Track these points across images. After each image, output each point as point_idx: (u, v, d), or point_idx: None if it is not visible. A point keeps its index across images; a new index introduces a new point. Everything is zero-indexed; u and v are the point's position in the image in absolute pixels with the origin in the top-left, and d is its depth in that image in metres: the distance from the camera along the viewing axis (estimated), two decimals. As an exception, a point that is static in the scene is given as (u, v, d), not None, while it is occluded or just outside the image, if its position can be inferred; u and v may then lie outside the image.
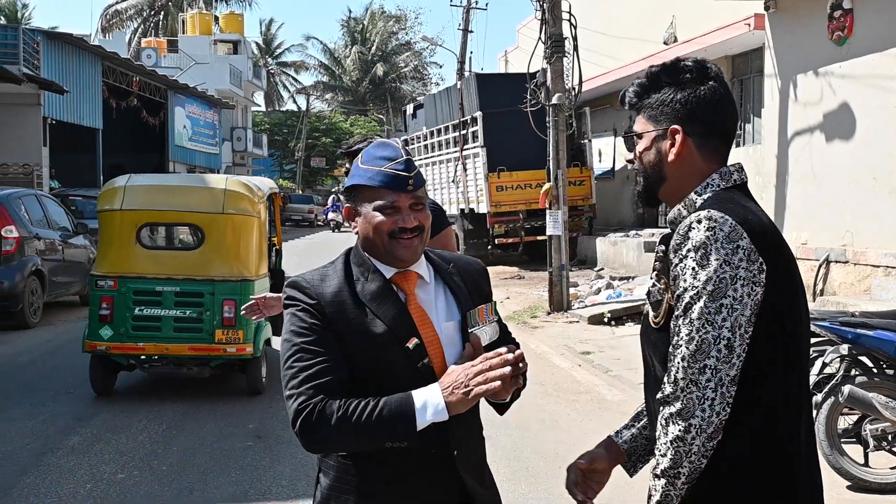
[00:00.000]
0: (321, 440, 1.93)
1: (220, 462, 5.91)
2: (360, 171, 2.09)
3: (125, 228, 7.59)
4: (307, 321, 2.00)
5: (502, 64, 30.18)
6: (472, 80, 20.01)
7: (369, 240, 2.09)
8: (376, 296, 2.06)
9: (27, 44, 20.95)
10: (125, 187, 7.72)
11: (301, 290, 2.05)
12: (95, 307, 7.47)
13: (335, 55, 66.99)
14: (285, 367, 1.99)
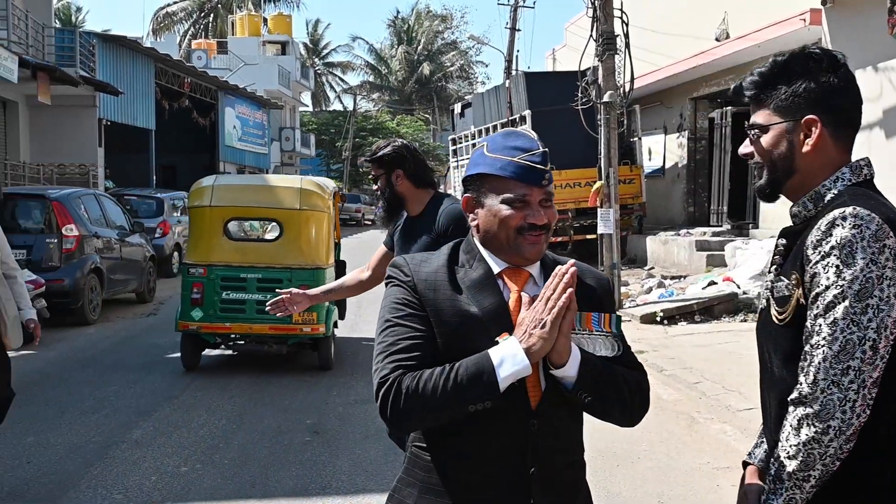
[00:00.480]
0: (402, 414, 1.83)
1: (280, 457, 6.00)
2: (488, 160, 1.97)
3: (214, 223, 8.59)
4: (400, 297, 1.96)
5: (550, 62, 30.07)
6: (521, 79, 19.98)
7: (491, 233, 1.97)
8: (477, 284, 1.97)
9: (83, 46, 21.40)
10: (213, 186, 8.75)
11: (398, 268, 2.01)
12: (187, 292, 8.49)
13: (381, 55, 67.30)
14: (376, 342, 1.95)
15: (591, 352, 1.93)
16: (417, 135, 56.58)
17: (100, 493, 5.25)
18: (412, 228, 4.03)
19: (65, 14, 54.80)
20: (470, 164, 2.03)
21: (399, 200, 4.04)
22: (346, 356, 9.68)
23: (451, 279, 1.98)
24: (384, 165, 4.03)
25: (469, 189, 2.03)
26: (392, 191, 4.02)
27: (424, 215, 4.00)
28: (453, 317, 1.93)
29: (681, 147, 20.38)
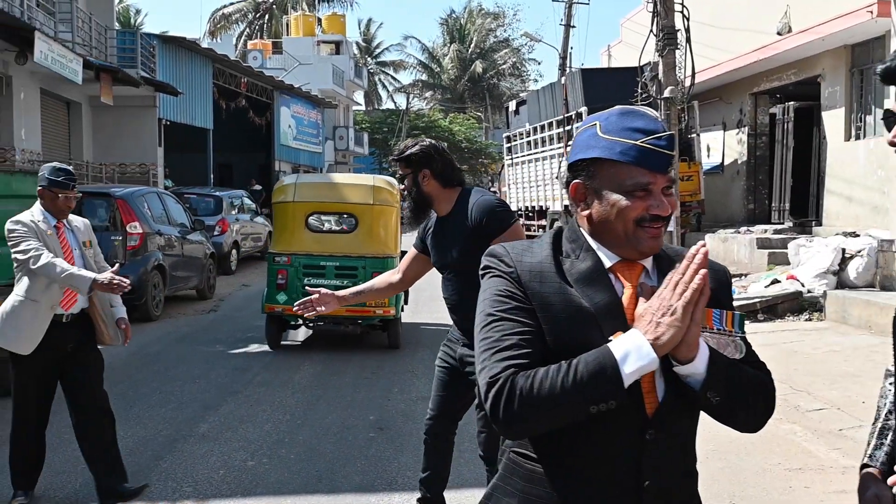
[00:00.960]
0: (516, 416, 1.66)
1: (345, 452, 6.02)
2: (603, 143, 1.77)
3: (297, 216, 9.68)
4: (503, 289, 1.79)
5: (605, 59, 29.83)
6: (577, 76, 19.85)
7: (607, 224, 1.78)
8: (586, 277, 1.78)
9: (144, 48, 21.74)
10: (296, 184, 9.89)
11: (497, 258, 1.84)
12: (273, 278, 9.52)
13: (433, 53, 67.39)
14: (478, 338, 1.78)
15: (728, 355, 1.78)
16: (470, 133, 56.55)
17: (170, 486, 5.31)
18: (445, 228, 3.98)
19: (124, 17, 55.80)
20: (578, 146, 1.83)
21: (426, 201, 4.00)
22: (405, 351, 9.70)
23: (557, 270, 1.80)
24: (411, 165, 4.00)
25: (578, 174, 1.82)
26: (419, 191, 3.98)
27: (455, 213, 3.95)
28: (563, 311, 1.75)
29: (740, 143, 20.05)
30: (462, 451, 5.50)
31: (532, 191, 23.30)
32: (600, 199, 1.79)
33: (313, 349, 10.04)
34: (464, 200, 3.93)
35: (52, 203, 4.83)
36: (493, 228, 3.81)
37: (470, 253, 3.70)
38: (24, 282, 4.77)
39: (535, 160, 22.84)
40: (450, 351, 4.13)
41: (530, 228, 24.13)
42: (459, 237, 3.88)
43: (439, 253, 4.01)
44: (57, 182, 4.79)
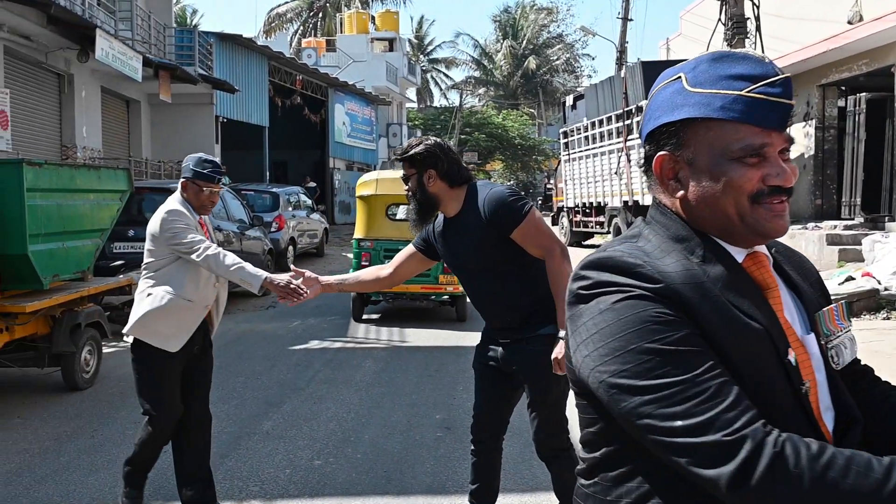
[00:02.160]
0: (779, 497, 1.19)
1: (413, 452, 5.84)
2: (695, 99, 1.37)
3: (378, 207, 11.22)
4: (657, 314, 1.30)
5: (663, 52, 29.28)
6: (638, 68, 19.45)
7: (710, 206, 1.39)
8: (729, 282, 1.37)
9: (202, 45, 21.87)
10: (377, 180, 11.33)
11: (627, 271, 1.34)
12: (358, 259, 10.98)
13: (486, 50, 67.12)
14: (646, 384, 1.28)
15: (848, 359, 1.48)
16: (523, 129, 56.15)
17: (236, 486, 5.19)
18: (456, 228, 3.74)
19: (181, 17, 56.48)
20: (658, 108, 1.43)
21: (432, 202, 3.73)
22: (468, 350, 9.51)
23: (709, 278, 1.37)
24: (415, 165, 3.73)
25: (663, 144, 1.43)
26: (424, 192, 3.71)
27: (466, 211, 3.70)
28: (733, 335, 1.32)
29: (807, 136, 19.48)
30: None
31: (590, 187, 22.94)
32: (698, 173, 1.39)
33: (374, 346, 9.89)
34: (473, 197, 3.69)
35: (195, 197, 4.45)
36: (508, 221, 3.59)
37: (488, 251, 3.62)
38: (172, 279, 4.41)
39: (593, 155, 22.48)
40: (488, 351, 3.88)
41: (588, 225, 23.77)
42: (474, 236, 3.64)
43: (453, 255, 3.78)
44: (202, 175, 4.41)
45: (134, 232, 11.37)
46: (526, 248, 3.60)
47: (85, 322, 7.46)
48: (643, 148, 1.50)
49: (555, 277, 3.56)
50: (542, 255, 3.61)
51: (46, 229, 6.98)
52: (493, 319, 3.80)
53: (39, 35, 14.58)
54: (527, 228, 3.57)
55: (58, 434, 6.20)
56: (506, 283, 3.66)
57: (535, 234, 3.61)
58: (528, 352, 3.65)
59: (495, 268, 3.65)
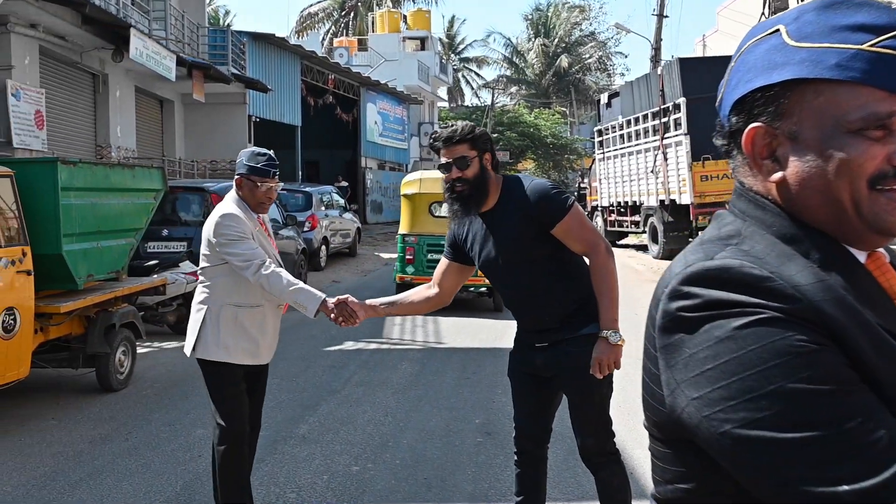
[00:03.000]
0: None
1: (453, 458, 5.68)
2: (803, 55, 1.09)
3: (422, 205, 12.08)
4: (804, 344, 1.00)
5: (700, 48, 28.93)
6: (675, 65, 19.16)
7: (820, 191, 1.10)
8: (864, 297, 1.09)
9: (235, 45, 21.88)
10: (420, 180, 12.26)
11: (754, 286, 1.04)
12: (403, 254, 12.04)
13: (518, 48, 66.83)
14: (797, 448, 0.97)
15: None
16: (555, 128, 55.82)
17: (273, 492, 5.05)
18: (492, 221, 3.51)
19: (214, 18, 56.79)
20: (747, 70, 1.15)
21: (488, 187, 3.48)
22: (505, 351, 9.33)
23: (847, 289, 1.08)
24: (477, 146, 3.48)
25: (755, 115, 1.14)
26: (484, 175, 3.46)
27: (504, 202, 3.48)
28: (886, 362, 1.05)
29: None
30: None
31: (625, 185, 22.66)
32: (802, 149, 1.11)
33: (409, 347, 9.75)
34: (510, 189, 3.49)
35: (250, 195, 4.09)
36: (551, 215, 3.40)
37: (527, 244, 3.45)
38: (231, 285, 4.05)
39: (628, 154, 22.20)
40: (525, 357, 3.67)
41: (622, 224, 23.49)
42: (513, 228, 3.44)
43: (489, 250, 3.53)
44: (256, 169, 4.06)
45: (168, 231, 11.33)
46: (568, 244, 3.44)
47: (119, 322, 7.38)
48: (728, 120, 1.19)
49: (599, 274, 3.42)
50: (584, 251, 3.47)
51: (81, 229, 6.91)
52: (531, 320, 3.60)
53: (74, 35, 14.61)
54: (570, 223, 3.40)
55: (91, 437, 6.11)
56: (545, 279, 3.48)
57: (579, 228, 3.44)
58: (570, 353, 3.48)
59: (534, 263, 3.47)
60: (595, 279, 3.43)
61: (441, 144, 3.50)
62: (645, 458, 5.52)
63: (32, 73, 13.78)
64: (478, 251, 3.60)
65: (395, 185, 40.14)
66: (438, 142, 3.51)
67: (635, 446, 5.67)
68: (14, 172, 6.36)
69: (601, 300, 3.41)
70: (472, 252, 3.64)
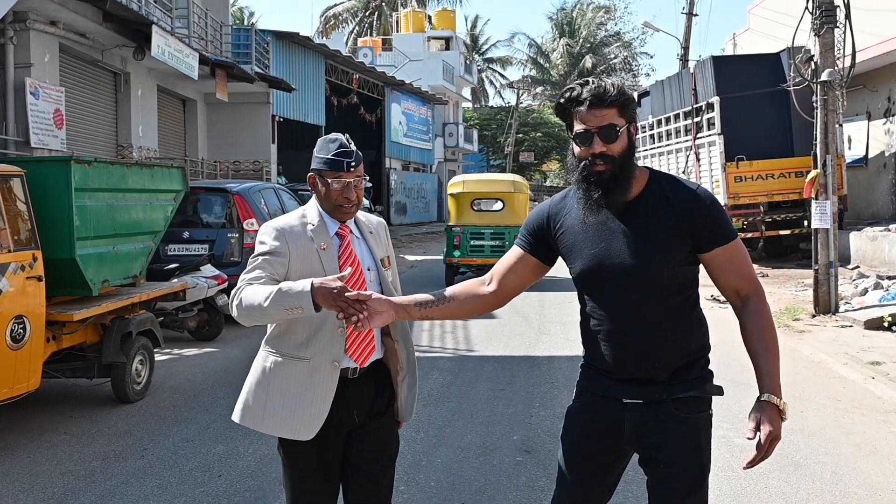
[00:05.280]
0: None
1: (492, 480, 5.25)
2: None
3: (466, 201, 15.47)
4: None
5: (730, 47, 28.31)
6: (709, 64, 18.63)
7: None
8: None
9: (258, 44, 21.57)
10: (464, 181, 16.10)
11: None
12: (450, 241, 15.23)
13: (542, 49, 66.30)
14: None
15: None
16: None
17: (298, 518, 4.64)
18: (628, 219, 2.61)
19: (238, 19, 56.69)
20: None
21: (634, 170, 2.63)
22: (540, 360, 8.89)
23: None
24: (626, 113, 2.59)
25: None
26: (633, 150, 2.61)
27: (653, 197, 2.61)
28: None
29: (888, 134, 18.49)
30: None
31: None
32: None
33: (440, 355, 9.32)
34: (663, 183, 2.64)
35: (324, 197, 3.04)
36: (716, 233, 2.59)
37: (668, 256, 2.59)
38: (277, 327, 3.05)
39: (659, 154, 21.68)
40: (602, 415, 2.70)
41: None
42: (662, 233, 2.57)
43: (610, 254, 2.61)
44: (326, 161, 3.00)
45: (189, 234, 10.99)
46: (720, 278, 2.63)
47: (136, 330, 7.01)
48: None
49: (760, 323, 2.61)
50: (740, 290, 2.63)
51: (96, 231, 6.54)
52: (634, 364, 2.64)
53: (95, 32, 14.30)
54: (736, 250, 2.61)
55: (105, 453, 5.73)
56: (672, 314, 2.63)
57: (742, 261, 2.63)
58: (678, 420, 2.61)
59: (664, 289, 2.61)
60: (753, 328, 2.61)
61: (583, 104, 2.55)
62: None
63: (52, 72, 13.49)
64: (586, 252, 2.66)
65: (419, 185, 39.81)
66: (578, 100, 2.56)
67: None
68: (25, 172, 6.01)
69: (761, 356, 2.59)
70: (572, 251, 2.70)
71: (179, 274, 8.72)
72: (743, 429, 6.08)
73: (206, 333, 9.93)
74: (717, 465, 5.43)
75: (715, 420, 2.78)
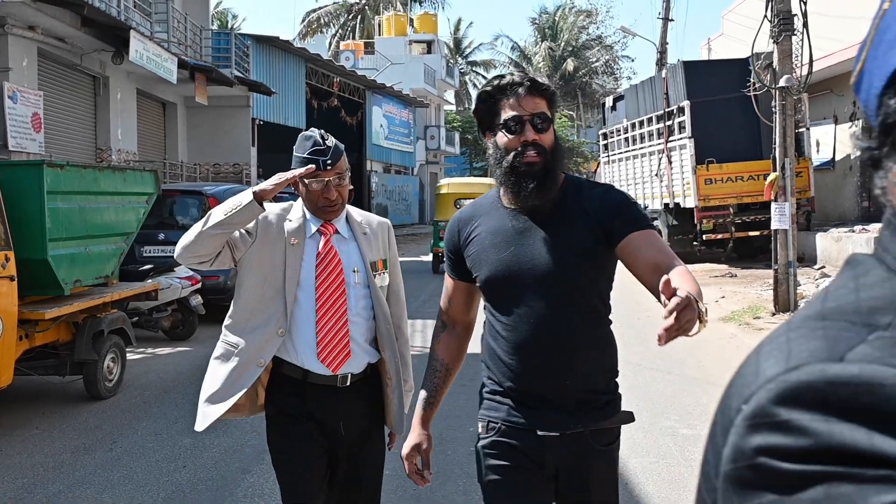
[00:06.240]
0: None
1: (444, 468, 5.52)
2: None
3: (450, 200, 18.09)
4: None
5: (705, 52, 28.75)
6: (679, 68, 19.00)
7: None
8: None
9: (238, 48, 21.80)
10: (448, 183, 19.26)
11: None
12: (437, 233, 17.46)
13: (525, 52, 66.75)
14: None
15: None
16: (562, 131, 55.70)
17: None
18: (545, 221, 2.42)
19: (221, 21, 56.82)
20: None
21: (561, 167, 2.47)
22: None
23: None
24: (553, 108, 2.46)
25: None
26: (561, 151, 2.46)
27: (568, 198, 2.43)
28: None
29: (854, 137, 18.89)
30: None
31: (630, 189, 22.50)
32: None
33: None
34: (576, 183, 2.50)
35: (306, 198, 2.97)
36: (629, 221, 2.38)
37: (588, 263, 2.40)
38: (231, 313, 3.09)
39: (633, 157, 22.05)
40: (516, 441, 2.43)
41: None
42: (574, 237, 2.38)
43: (523, 259, 2.40)
44: (302, 161, 2.90)
45: (164, 235, 11.21)
46: (638, 261, 2.31)
47: (108, 329, 7.25)
48: (879, 107, 0.67)
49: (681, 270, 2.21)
50: (657, 266, 2.25)
51: (68, 233, 6.79)
52: (543, 380, 2.40)
53: (74, 37, 14.51)
54: (653, 235, 2.39)
55: (75, 446, 5.99)
56: (589, 324, 2.43)
57: (662, 243, 2.41)
58: (598, 454, 2.44)
59: (582, 294, 2.41)
60: (678, 270, 2.18)
61: (517, 90, 2.39)
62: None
63: (31, 76, 13.69)
64: (493, 257, 2.45)
65: (400, 188, 40.06)
66: (513, 84, 2.40)
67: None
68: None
69: (683, 279, 2.11)
70: (478, 259, 2.49)
71: (153, 275, 8.97)
72: (691, 422, 6.40)
73: (179, 333, 10.17)
74: (659, 453, 5.74)
75: (663, 411, 2.96)
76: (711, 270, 17.56)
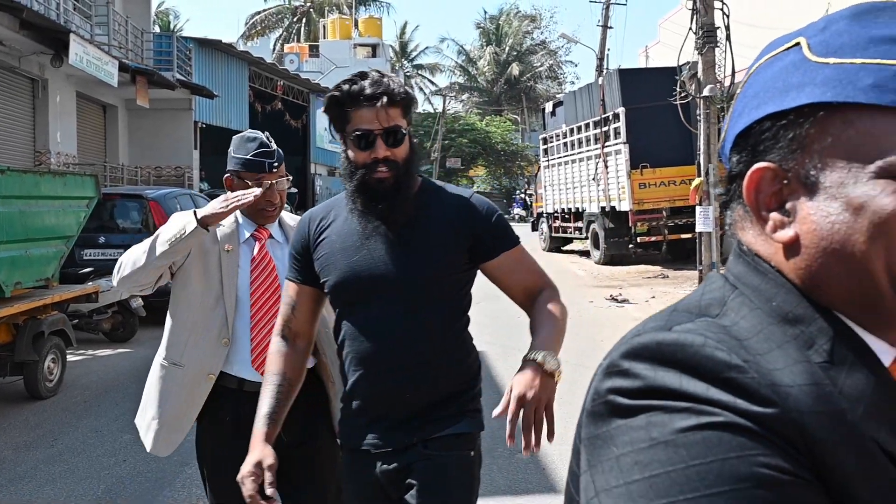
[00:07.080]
0: None
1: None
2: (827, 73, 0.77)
3: None
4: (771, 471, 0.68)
5: (643, 59, 29.49)
6: (615, 76, 19.56)
7: (845, 259, 0.76)
8: (878, 413, 0.74)
9: (180, 51, 21.83)
10: None
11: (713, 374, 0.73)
12: None
13: (470, 56, 67.31)
14: None
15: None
16: (506, 135, 56.33)
17: (194, 493, 5.16)
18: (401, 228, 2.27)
19: (163, 21, 56.36)
20: (755, 94, 0.83)
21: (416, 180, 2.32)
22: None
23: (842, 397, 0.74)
24: (409, 116, 2.28)
25: (762, 151, 0.81)
26: (415, 154, 2.30)
27: (426, 203, 2.30)
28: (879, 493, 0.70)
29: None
30: (494, 456, 5.29)
31: (568, 192, 23.05)
32: (823, 199, 0.78)
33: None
34: (434, 187, 2.37)
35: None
36: (500, 239, 2.34)
37: (447, 265, 2.28)
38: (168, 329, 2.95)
39: (571, 161, 22.58)
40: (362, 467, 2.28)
41: (566, 231, 23.84)
42: (433, 239, 2.27)
43: (377, 264, 2.25)
44: (244, 162, 2.86)
45: (105, 238, 11.33)
46: (507, 281, 2.34)
47: (48, 330, 7.41)
48: (729, 161, 0.87)
49: (551, 305, 2.29)
50: (528, 290, 2.33)
51: (8, 236, 6.94)
52: (393, 395, 2.24)
53: (12, 39, 14.50)
54: (522, 252, 2.37)
55: (16, 443, 6.16)
56: (446, 330, 2.30)
57: (530, 261, 2.41)
58: (425, 458, 2.22)
59: (441, 299, 2.29)
60: (542, 308, 2.27)
61: (366, 101, 2.18)
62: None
63: (-31, 79, 13.68)
64: (343, 262, 2.30)
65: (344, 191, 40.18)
66: (361, 95, 2.19)
67: None
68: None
69: (544, 323, 2.23)
70: (327, 264, 2.33)
71: (94, 277, 9.12)
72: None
73: (120, 335, 10.31)
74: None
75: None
76: (645, 272, 18.11)
